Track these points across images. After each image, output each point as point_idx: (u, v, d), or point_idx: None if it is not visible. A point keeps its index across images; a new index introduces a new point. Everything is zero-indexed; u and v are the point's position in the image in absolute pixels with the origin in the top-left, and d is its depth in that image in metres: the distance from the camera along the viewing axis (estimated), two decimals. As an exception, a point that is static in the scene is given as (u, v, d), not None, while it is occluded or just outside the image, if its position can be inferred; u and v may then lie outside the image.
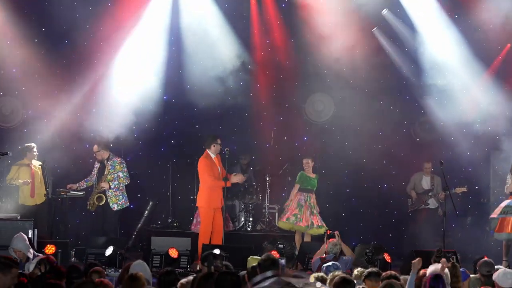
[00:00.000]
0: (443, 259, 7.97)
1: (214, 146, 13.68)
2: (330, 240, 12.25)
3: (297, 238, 14.50)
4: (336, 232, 12.51)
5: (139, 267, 7.77)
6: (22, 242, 10.34)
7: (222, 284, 6.10)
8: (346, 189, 16.72)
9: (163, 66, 15.94)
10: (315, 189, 14.68)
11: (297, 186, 14.61)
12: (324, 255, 11.90)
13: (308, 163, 14.73)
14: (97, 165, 14.23)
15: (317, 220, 14.42)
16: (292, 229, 14.55)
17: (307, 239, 14.39)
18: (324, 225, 14.43)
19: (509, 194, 13.89)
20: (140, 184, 15.78)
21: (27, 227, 12.20)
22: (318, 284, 5.78)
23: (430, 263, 8.42)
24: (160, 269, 9.55)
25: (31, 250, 10.35)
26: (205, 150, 13.85)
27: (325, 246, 12.16)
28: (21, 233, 10.64)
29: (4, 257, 7.44)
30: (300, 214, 14.40)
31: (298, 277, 5.36)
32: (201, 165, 13.76)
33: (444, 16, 16.30)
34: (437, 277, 6.96)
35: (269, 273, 6.03)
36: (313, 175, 14.72)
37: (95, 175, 14.20)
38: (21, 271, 8.05)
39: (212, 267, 7.91)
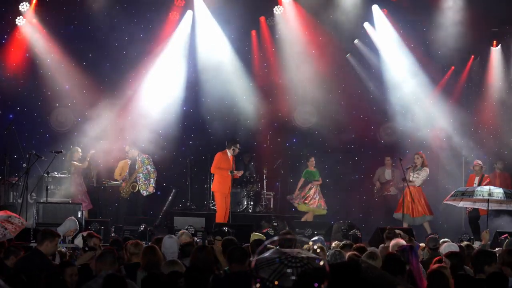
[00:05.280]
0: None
1: (233, 149, 13.67)
2: None
3: (308, 217, 14.81)
4: None
5: (170, 240, 7.69)
6: (75, 223, 10.02)
7: (233, 255, 6.03)
8: (326, 180, 16.67)
9: (183, 84, 15.94)
10: (316, 179, 14.99)
11: (301, 180, 15.00)
12: None
13: (312, 161, 15.07)
14: (129, 162, 14.23)
15: (323, 203, 14.94)
16: (308, 211, 14.83)
17: (309, 218, 14.58)
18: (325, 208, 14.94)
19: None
20: (165, 175, 15.73)
21: (76, 209, 12.21)
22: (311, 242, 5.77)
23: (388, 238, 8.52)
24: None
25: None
26: (225, 148, 13.86)
27: None
28: (73, 217, 10.33)
29: (49, 229, 7.49)
30: (312, 200, 14.85)
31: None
32: (215, 157, 13.84)
33: (402, 44, 16.31)
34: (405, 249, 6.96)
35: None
36: (314, 169, 15.09)
37: (128, 170, 14.19)
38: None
39: (206, 241, 7.93)
